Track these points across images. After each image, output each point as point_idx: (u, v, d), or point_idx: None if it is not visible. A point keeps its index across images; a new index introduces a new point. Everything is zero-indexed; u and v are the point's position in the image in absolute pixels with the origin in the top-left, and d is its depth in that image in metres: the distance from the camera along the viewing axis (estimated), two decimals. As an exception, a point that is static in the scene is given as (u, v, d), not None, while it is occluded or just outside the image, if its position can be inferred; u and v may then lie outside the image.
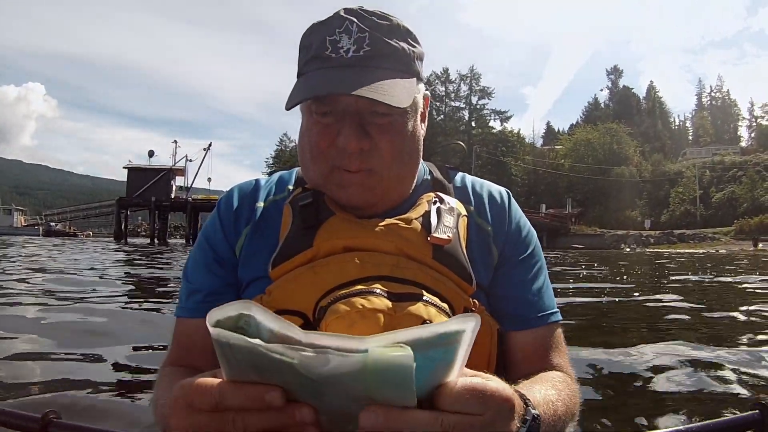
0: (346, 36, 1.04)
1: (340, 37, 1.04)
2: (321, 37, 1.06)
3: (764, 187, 63.95)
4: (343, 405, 0.63)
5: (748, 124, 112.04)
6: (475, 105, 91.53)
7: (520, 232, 1.25)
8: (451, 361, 0.63)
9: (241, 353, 0.61)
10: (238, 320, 0.62)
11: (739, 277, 10.34)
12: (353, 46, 1.03)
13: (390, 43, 1.06)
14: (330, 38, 1.05)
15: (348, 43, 1.04)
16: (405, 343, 0.58)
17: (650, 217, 69.57)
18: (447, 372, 0.64)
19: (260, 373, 0.62)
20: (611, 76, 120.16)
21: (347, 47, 1.04)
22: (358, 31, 1.04)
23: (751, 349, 3.24)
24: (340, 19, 1.06)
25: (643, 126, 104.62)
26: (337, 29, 1.05)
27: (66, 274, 8.32)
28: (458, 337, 0.61)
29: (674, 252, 35.56)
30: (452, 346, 0.62)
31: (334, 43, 1.04)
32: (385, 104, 1.00)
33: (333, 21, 1.06)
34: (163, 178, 57.60)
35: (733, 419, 1.03)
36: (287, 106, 1.05)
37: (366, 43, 1.04)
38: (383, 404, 0.61)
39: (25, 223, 71.06)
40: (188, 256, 1.27)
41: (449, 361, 0.63)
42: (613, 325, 4.50)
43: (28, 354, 2.82)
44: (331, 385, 0.61)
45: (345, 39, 1.04)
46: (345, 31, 1.04)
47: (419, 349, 0.58)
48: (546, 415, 0.91)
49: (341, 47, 1.04)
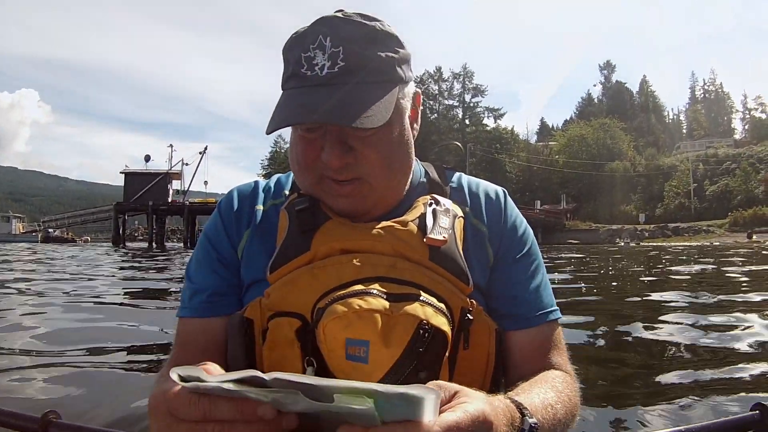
0: (320, 52, 1.02)
1: (314, 53, 1.03)
2: (297, 53, 1.05)
3: (757, 179, 64.37)
4: (318, 418, 0.68)
5: (742, 117, 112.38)
6: (469, 103, 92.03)
7: (516, 231, 1.26)
8: (417, 414, 0.63)
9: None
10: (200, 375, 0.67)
11: (736, 271, 10.13)
12: (327, 62, 1.02)
13: (365, 55, 1.04)
14: (305, 55, 1.03)
15: (322, 59, 1.02)
16: (364, 392, 0.61)
17: (645, 211, 69.99)
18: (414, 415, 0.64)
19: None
20: (604, 71, 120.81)
21: (321, 64, 1.02)
22: (331, 46, 1.02)
23: (750, 349, 3.27)
24: (314, 33, 1.04)
25: (637, 120, 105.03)
26: (311, 45, 1.03)
27: (66, 277, 8.31)
28: (419, 402, 0.62)
29: (668, 245, 35.73)
30: (413, 407, 0.63)
31: (309, 60, 1.03)
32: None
33: (307, 35, 1.05)
34: (160, 183, 57.74)
35: (733, 419, 1.02)
36: (267, 131, 1.04)
37: (340, 58, 1.02)
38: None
39: (23, 230, 70.93)
40: (191, 257, 1.29)
41: (414, 413, 0.63)
42: (610, 324, 4.45)
43: (28, 354, 2.85)
44: (304, 410, 0.66)
45: (319, 55, 1.02)
46: (318, 47, 1.03)
47: (380, 399, 0.61)
48: (545, 419, 0.92)
49: (316, 64, 1.02)
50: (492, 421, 0.73)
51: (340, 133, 1.05)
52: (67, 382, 2.38)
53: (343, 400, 0.61)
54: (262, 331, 1.05)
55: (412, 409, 0.63)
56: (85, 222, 70.18)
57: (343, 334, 0.91)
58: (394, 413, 0.62)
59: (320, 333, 0.93)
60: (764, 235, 40.45)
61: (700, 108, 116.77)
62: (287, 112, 1.03)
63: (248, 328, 1.06)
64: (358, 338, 0.90)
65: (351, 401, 0.60)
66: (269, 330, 1.03)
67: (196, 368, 0.68)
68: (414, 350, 0.91)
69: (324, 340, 0.92)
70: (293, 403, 0.64)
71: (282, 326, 1.01)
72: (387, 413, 0.62)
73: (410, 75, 1.15)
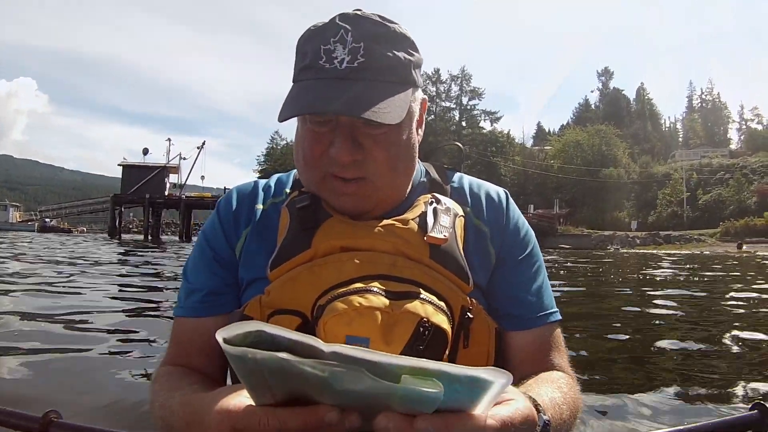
0: (340, 45, 1.02)
1: (335, 46, 1.03)
2: (316, 45, 1.05)
3: (750, 190, 64.81)
4: (360, 405, 0.64)
5: (738, 127, 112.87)
6: (466, 105, 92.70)
7: (518, 232, 1.26)
8: (475, 401, 0.62)
9: (270, 368, 0.60)
10: (245, 338, 0.62)
11: (731, 277, 10.32)
12: (347, 57, 1.02)
13: (385, 54, 1.04)
14: (324, 47, 1.03)
15: (342, 53, 1.02)
16: (431, 372, 0.58)
17: (638, 218, 70.41)
18: (470, 406, 0.63)
19: (285, 384, 0.63)
20: (602, 77, 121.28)
21: (341, 57, 1.02)
22: (353, 41, 1.02)
23: (750, 349, 3.33)
24: (335, 27, 1.04)
25: (633, 128, 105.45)
26: (332, 38, 1.03)
27: (67, 273, 8.17)
28: (486, 386, 0.61)
29: (661, 252, 35.97)
30: (478, 390, 0.61)
31: (328, 53, 1.03)
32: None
33: (328, 29, 1.05)
34: (158, 176, 57.93)
35: (733, 419, 1.03)
36: (280, 118, 1.04)
37: (360, 53, 1.02)
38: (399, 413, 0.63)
39: (20, 218, 70.97)
40: (189, 257, 1.30)
41: (473, 400, 0.62)
42: (607, 324, 4.50)
43: (28, 354, 2.83)
44: (354, 395, 0.61)
45: (339, 49, 1.02)
46: (339, 41, 1.03)
47: (446, 381, 0.59)
48: (554, 419, 0.92)
49: (335, 57, 1.02)
50: (535, 419, 0.74)
51: (351, 129, 1.05)
52: (68, 382, 2.40)
53: (410, 381, 0.58)
54: None
55: (476, 394, 0.61)
56: (81, 213, 70.19)
57: (343, 332, 0.90)
58: (451, 399, 0.60)
59: (320, 330, 0.93)
60: (755, 246, 40.87)
61: (697, 117, 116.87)
62: (304, 101, 1.02)
63: None
64: (359, 335, 0.90)
65: (419, 383, 0.58)
66: None
67: (247, 323, 0.63)
68: (414, 348, 0.90)
69: (324, 337, 0.91)
70: (354, 381, 0.59)
71: (282, 324, 0.94)
72: (446, 398, 0.59)
73: (421, 80, 1.16)
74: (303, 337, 0.61)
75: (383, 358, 0.59)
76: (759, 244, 42.36)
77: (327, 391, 0.62)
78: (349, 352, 0.59)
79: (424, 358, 0.60)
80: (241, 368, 0.63)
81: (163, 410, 1.01)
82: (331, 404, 0.64)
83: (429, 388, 0.58)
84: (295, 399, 0.66)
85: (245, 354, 0.60)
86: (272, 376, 0.62)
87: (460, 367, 0.59)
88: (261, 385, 0.65)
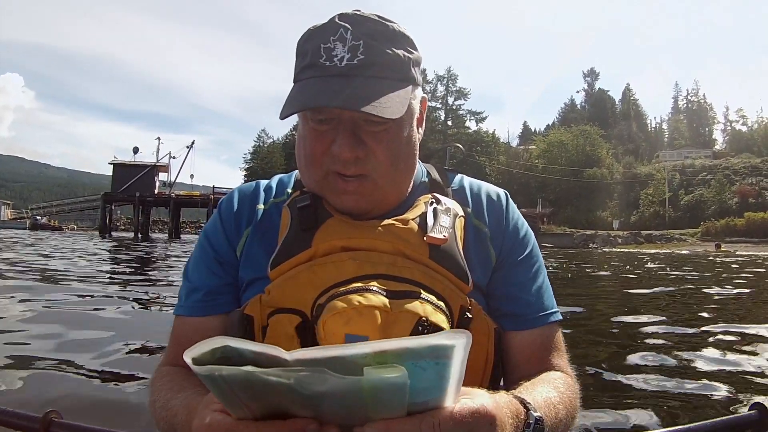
0: (340, 44, 1.02)
1: (335, 44, 1.02)
2: (316, 44, 1.05)
3: (731, 191, 65.67)
4: (336, 414, 0.65)
5: (723, 129, 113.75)
6: (452, 105, 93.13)
7: (518, 232, 1.25)
8: (444, 375, 0.62)
9: (236, 383, 0.60)
10: (213, 354, 0.62)
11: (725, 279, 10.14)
12: (347, 54, 1.02)
13: (385, 51, 1.04)
14: (324, 46, 1.03)
15: (342, 51, 1.02)
16: (393, 353, 0.58)
17: (620, 218, 71.06)
18: (440, 386, 0.63)
19: (257, 397, 0.63)
20: (588, 78, 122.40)
21: (341, 55, 1.02)
22: (352, 39, 1.02)
23: (749, 349, 3.29)
24: (334, 26, 1.04)
25: (618, 128, 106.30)
26: (332, 37, 1.03)
27: (65, 272, 8.09)
28: (449, 353, 0.60)
29: (643, 251, 36.22)
30: (443, 361, 0.61)
31: (328, 51, 1.03)
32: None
33: (328, 28, 1.05)
34: (148, 174, 58.22)
35: (732, 419, 1.03)
36: (281, 115, 1.04)
37: (360, 51, 1.02)
38: (376, 419, 0.64)
39: (11, 216, 70.91)
40: (190, 256, 1.29)
41: (442, 375, 0.62)
42: (605, 325, 4.45)
43: (29, 354, 2.82)
44: (325, 398, 0.61)
45: (339, 47, 1.02)
46: (339, 39, 1.03)
47: (410, 359, 0.59)
48: (548, 417, 0.91)
49: (335, 55, 1.02)
50: (494, 414, 0.72)
51: (353, 126, 1.05)
52: (68, 382, 2.38)
53: (372, 373, 0.57)
54: (261, 328, 1.05)
55: (442, 367, 0.61)
56: (72, 210, 70.31)
57: (342, 330, 0.90)
58: (420, 380, 0.60)
59: (320, 329, 0.92)
60: (734, 245, 41.68)
61: (683, 118, 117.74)
62: (305, 98, 1.03)
63: (248, 325, 1.06)
64: (358, 334, 0.89)
65: (382, 371, 0.57)
66: (269, 326, 1.02)
67: (212, 340, 0.63)
68: None
69: (323, 336, 0.91)
70: (320, 382, 0.58)
71: (282, 323, 1.00)
72: (417, 380, 0.60)
73: (420, 78, 1.16)
74: (266, 348, 0.61)
75: (343, 350, 0.59)
76: (738, 243, 43.20)
77: (299, 399, 0.62)
78: (309, 355, 0.59)
79: (385, 339, 0.60)
80: (212, 386, 0.63)
81: (165, 411, 1.01)
82: (311, 417, 0.65)
83: (392, 374, 0.58)
84: (275, 414, 0.66)
85: (212, 372, 0.60)
86: (242, 391, 0.62)
87: (420, 338, 0.60)
88: (235, 401, 0.65)
